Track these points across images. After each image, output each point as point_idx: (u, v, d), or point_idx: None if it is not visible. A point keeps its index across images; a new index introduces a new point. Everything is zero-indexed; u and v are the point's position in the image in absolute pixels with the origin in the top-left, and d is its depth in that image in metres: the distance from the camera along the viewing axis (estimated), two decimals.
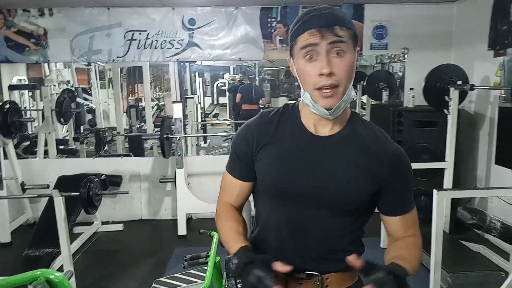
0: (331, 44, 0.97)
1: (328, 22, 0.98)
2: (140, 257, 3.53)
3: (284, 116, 1.13)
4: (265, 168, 1.10)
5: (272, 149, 1.09)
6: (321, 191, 1.04)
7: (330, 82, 0.98)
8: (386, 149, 1.07)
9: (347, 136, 1.07)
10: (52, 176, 4.12)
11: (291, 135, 1.09)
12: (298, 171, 1.06)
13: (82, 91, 7.17)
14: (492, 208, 3.61)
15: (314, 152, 1.06)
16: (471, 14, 4.04)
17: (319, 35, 0.97)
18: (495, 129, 3.69)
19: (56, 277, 1.81)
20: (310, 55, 0.99)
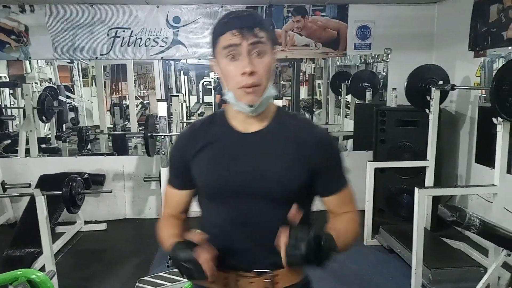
0: (251, 45, 1.03)
1: (248, 24, 1.03)
2: (124, 256, 3.50)
3: (213, 121, 1.19)
4: (201, 172, 1.15)
5: (205, 153, 1.14)
6: (257, 185, 1.09)
7: (252, 81, 1.03)
8: (312, 135, 1.13)
9: (274, 129, 1.12)
10: (33, 175, 4.05)
11: (221, 137, 1.14)
12: (232, 170, 1.10)
13: (64, 89, 7.04)
14: (472, 205, 3.70)
15: (245, 149, 1.11)
16: (452, 16, 4.12)
17: (240, 36, 1.02)
18: (475, 129, 3.78)
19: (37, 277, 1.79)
20: (232, 55, 1.04)
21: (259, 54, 1.04)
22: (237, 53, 1.03)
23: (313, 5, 4.37)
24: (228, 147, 1.13)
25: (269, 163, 1.09)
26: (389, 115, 4.00)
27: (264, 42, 1.04)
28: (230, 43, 1.03)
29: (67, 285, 2.89)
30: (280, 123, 1.14)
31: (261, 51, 1.04)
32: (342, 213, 1.17)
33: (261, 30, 1.04)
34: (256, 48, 1.03)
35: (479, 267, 2.91)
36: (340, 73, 6.47)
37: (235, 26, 1.03)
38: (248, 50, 1.03)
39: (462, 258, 3.24)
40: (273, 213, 1.08)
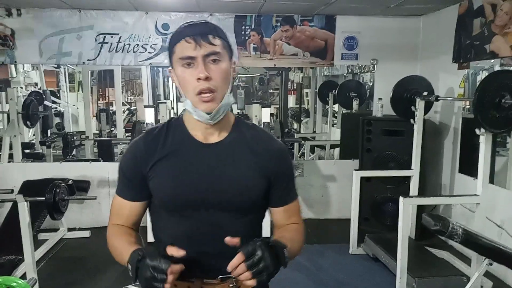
0: (206, 54, 1.03)
1: (202, 31, 1.05)
2: (108, 264, 3.43)
3: (171, 130, 1.15)
4: (161, 185, 1.11)
5: (164, 164, 1.10)
6: (219, 196, 1.09)
7: (207, 86, 1.03)
8: (270, 147, 1.15)
9: (235, 140, 1.13)
10: (16, 180, 3.97)
11: (181, 148, 1.11)
12: (194, 182, 1.09)
13: (50, 94, 6.96)
14: (456, 214, 3.75)
15: (206, 160, 1.10)
16: (437, 28, 4.21)
17: (194, 43, 1.03)
18: (459, 139, 3.85)
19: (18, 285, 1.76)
20: (188, 62, 1.04)
21: (215, 61, 1.04)
22: (193, 60, 1.03)
23: (301, 15, 4.42)
24: (189, 158, 1.11)
25: (231, 175, 1.10)
26: (375, 125, 4.05)
27: (218, 50, 1.05)
28: (184, 54, 1.04)
29: None
30: (240, 134, 1.15)
31: (216, 58, 1.04)
32: (288, 224, 1.19)
33: (215, 37, 1.05)
34: (211, 55, 1.04)
35: (462, 276, 2.94)
36: (327, 83, 6.54)
37: (188, 33, 1.04)
38: (203, 57, 1.03)
39: (446, 267, 3.27)
40: (235, 222, 1.11)
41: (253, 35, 4.45)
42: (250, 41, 4.45)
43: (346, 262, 3.53)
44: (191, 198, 1.09)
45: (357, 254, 3.65)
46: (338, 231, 4.19)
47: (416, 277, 2.83)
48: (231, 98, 1.10)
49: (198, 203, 1.09)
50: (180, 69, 1.06)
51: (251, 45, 4.46)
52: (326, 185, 4.64)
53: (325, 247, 3.81)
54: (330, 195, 4.66)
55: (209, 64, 1.04)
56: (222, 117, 1.10)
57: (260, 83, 10.41)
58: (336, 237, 4.05)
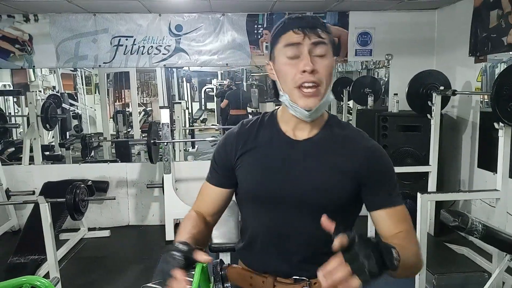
0: (313, 45, 1.00)
1: (311, 24, 1.01)
2: (127, 263, 3.50)
3: (263, 124, 1.15)
4: (246, 176, 1.12)
5: (251, 156, 1.11)
6: (301, 195, 1.06)
7: (312, 80, 0.99)
8: (363, 147, 1.08)
9: (324, 138, 1.09)
10: (37, 182, 4.08)
11: (270, 142, 1.11)
12: (277, 177, 1.07)
13: (68, 96, 7.10)
14: (475, 210, 3.69)
15: (292, 157, 1.08)
16: (452, 21, 4.15)
17: (303, 34, 1.00)
18: (477, 133, 3.78)
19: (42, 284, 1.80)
20: (293, 53, 1.01)
21: (321, 54, 1.01)
22: (298, 52, 1.00)
23: (314, 12, 4.40)
24: (275, 152, 1.10)
25: (316, 174, 1.06)
26: (391, 121, 4.01)
27: (326, 43, 1.02)
28: (291, 41, 1.00)
29: None
30: (331, 132, 1.10)
31: (323, 52, 1.01)
32: (397, 233, 1.04)
33: (323, 31, 1.02)
34: (318, 48, 1.00)
35: (483, 272, 2.90)
36: (341, 79, 6.48)
37: (297, 25, 1.01)
38: (309, 49, 1.00)
39: (466, 263, 3.23)
40: (314, 223, 0.97)
41: (266, 33, 4.45)
42: (263, 40, 4.46)
43: None
44: (271, 193, 1.08)
45: None
46: (355, 228, 4.16)
47: (436, 274, 2.80)
48: (331, 96, 1.06)
49: (278, 199, 1.08)
50: (283, 60, 1.02)
51: (263, 43, 4.46)
52: None
53: None
54: None
55: (315, 58, 1.00)
56: (319, 115, 1.07)
57: None
58: None
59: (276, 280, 1.11)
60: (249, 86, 10.24)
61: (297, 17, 1.04)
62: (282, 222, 1.08)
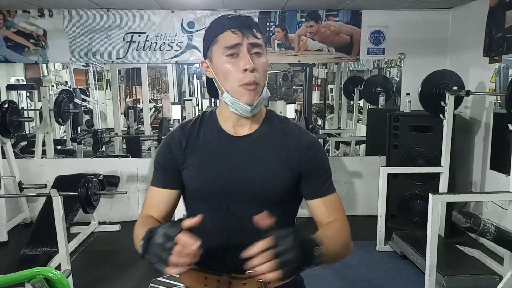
0: (251, 45, 1.05)
1: (247, 24, 1.07)
2: (137, 258, 3.49)
3: (203, 123, 1.18)
4: (192, 175, 1.14)
5: (196, 156, 1.14)
6: (246, 188, 1.10)
7: (253, 79, 1.05)
8: (300, 140, 1.14)
9: (264, 133, 1.14)
10: (49, 176, 4.13)
11: (212, 140, 1.15)
12: (222, 173, 1.11)
13: (80, 92, 7.17)
14: (487, 212, 3.65)
15: (235, 152, 1.12)
16: (467, 21, 4.10)
17: (241, 34, 1.04)
18: (490, 135, 3.74)
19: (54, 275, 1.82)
20: (233, 53, 1.05)
21: (257, 54, 1.06)
22: (238, 51, 1.05)
23: (326, 10, 4.39)
24: (218, 150, 1.13)
25: (256, 167, 1.10)
26: (403, 121, 3.99)
27: (261, 44, 1.08)
28: (231, 42, 1.04)
29: (81, 284, 2.93)
30: (270, 127, 1.15)
31: (259, 50, 1.07)
32: (330, 222, 1.13)
33: (257, 31, 1.08)
34: (255, 47, 1.06)
35: (494, 275, 2.87)
36: (353, 78, 6.47)
37: (235, 25, 1.05)
38: (248, 48, 1.05)
39: (477, 265, 3.21)
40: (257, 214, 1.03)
41: (278, 31, 4.44)
42: (275, 37, 4.45)
43: (373, 259, 3.49)
44: (218, 190, 1.11)
45: (384, 251, 3.61)
46: (364, 228, 4.14)
47: (446, 275, 2.78)
48: (268, 92, 1.12)
49: (225, 195, 1.11)
50: (223, 59, 1.06)
51: (275, 41, 4.46)
52: (351, 182, 4.60)
53: None
54: (356, 192, 4.62)
55: (253, 56, 1.05)
56: (259, 109, 1.12)
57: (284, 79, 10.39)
58: (362, 234, 4.00)
59: (231, 277, 1.12)
60: None
61: (233, 17, 1.08)
62: (231, 217, 1.11)
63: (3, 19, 4.27)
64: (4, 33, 4.30)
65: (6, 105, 3.85)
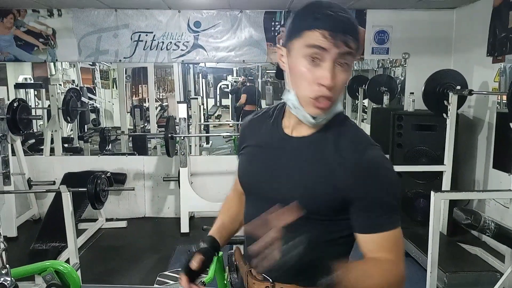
0: (340, 55, 0.89)
1: (344, 29, 0.88)
2: (144, 252, 3.60)
3: (272, 115, 1.10)
4: (239, 165, 1.14)
5: (249, 147, 1.11)
6: (276, 191, 1.00)
7: (328, 95, 0.91)
8: (359, 156, 0.94)
9: (319, 139, 0.98)
10: (57, 173, 4.20)
11: (267, 133, 1.07)
12: (260, 170, 1.05)
13: (87, 90, 7.25)
14: (489, 211, 3.68)
15: (282, 153, 1.02)
16: (471, 21, 4.12)
17: (332, 41, 0.87)
18: (493, 134, 3.76)
19: (64, 268, 1.88)
20: (314, 57, 0.89)
21: (343, 66, 0.90)
22: (321, 57, 0.89)
23: None
24: (268, 145, 1.06)
25: (296, 175, 0.98)
26: (406, 120, 4.01)
27: (353, 55, 0.90)
28: (317, 44, 0.88)
29: (90, 278, 2.99)
30: (329, 133, 0.98)
31: (347, 63, 0.90)
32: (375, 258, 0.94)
33: (353, 39, 0.89)
34: (343, 59, 0.89)
35: (495, 272, 2.90)
36: (357, 77, 6.48)
37: (328, 26, 0.87)
38: (334, 58, 0.89)
39: (478, 262, 3.23)
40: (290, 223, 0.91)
41: (283, 31, 4.49)
42: (280, 37, 4.50)
43: None
44: (253, 185, 1.08)
45: None
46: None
47: (447, 272, 2.82)
48: (340, 107, 0.99)
49: (259, 192, 1.06)
50: (301, 60, 0.91)
51: (280, 41, 4.49)
52: None
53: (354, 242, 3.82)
54: None
55: (337, 68, 0.90)
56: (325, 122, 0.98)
57: None
58: None
59: (250, 271, 1.09)
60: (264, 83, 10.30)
61: (329, 15, 0.88)
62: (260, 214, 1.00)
63: (13, 18, 4.36)
64: (14, 33, 4.38)
65: (16, 103, 3.92)
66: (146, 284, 2.96)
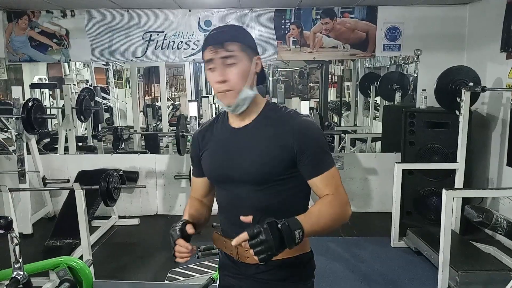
0: (222, 58, 1.21)
1: (220, 40, 1.22)
2: (156, 250, 3.64)
3: (218, 120, 1.40)
4: (204, 164, 1.39)
5: (208, 147, 1.37)
6: (241, 173, 1.27)
7: (226, 88, 1.23)
8: (293, 124, 1.25)
9: (258, 123, 1.30)
10: (71, 171, 4.28)
11: (220, 133, 1.36)
12: (224, 160, 1.31)
13: (100, 90, 7.34)
14: (503, 209, 3.63)
15: (234, 143, 1.31)
16: (484, 16, 4.06)
17: (214, 50, 1.22)
18: (507, 131, 3.70)
19: (77, 264, 1.92)
20: (210, 67, 1.24)
21: (231, 64, 1.22)
22: (213, 65, 1.23)
23: (341, 7, 4.41)
24: (224, 141, 1.33)
25: (252, 153, 1.26)
26: (419, 117, 3.97)
27: (234, 55, 1.21)
28: (207, 58, 1.24)
29: (102, 275, 3.04)
30: (265, 117, 1.30)
31: (232, 61, 1.22)
32: (324, 195, 1.24)
33: (232, 43, 1.21)
34: (227, 60, 1.21)
35: (509, 271, 2.86)
36: (369, 75, 6.44)
37: (210, 42, 1.23)
38: (220, 62, 1.21)
39: (491, 261, 3.19)
40: (256, 194, 1.27)
41: (293, 28, 4.48)
42: (290, 35, 4.49)
43: (387, 254, 3.51)
44: (221, 174, 1.33)
45: (398, 247, 3.63)
46: (379, 224, 4.16)
47: (459, 270, 2.79)
48: (249, 92, 1.26)
49: (226, 178, 1.32)
50: (207, 72, 1.27)
51: (290, 38, 4.50)
52: (367, 178, 4.61)
53: (365, 240, 3.81)
54: (371, 189, 4.63)
55: (226, 67, 1.22)
56: (245, 107, 1.27)
57: (300, 76, 10.37)
58: (377, 231, 4.03)
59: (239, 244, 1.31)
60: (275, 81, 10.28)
61: (211, 35, 1.25)
62: (234, 196, 1.31)
63: (28, 19, 4.44)
64: (29, 33, 4.47)
65: (31, 102, 3.99)
66: (157, 280, 2.99)
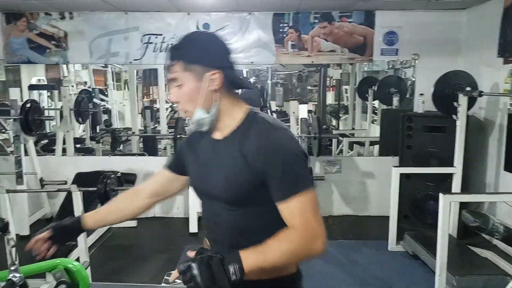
0: (170, 79, 1.17)
1: (168, 59, 1.16)
2: (153, 252, 3.64)
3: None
4: (188, 173, 1.33)
5: (192, 157, 1.30)
6: (212, 189, 1.20)
7: (180, 108, 1.19)
8: (264, 141, 1.10)
9: (236, 135, 1.16)
10: (69, 173, 4.27)
11: (204, 143, 1.26)
12: (201, 171, 1.24)
13: (99, 92, 7.34)
14: (500, 214, 3.63)
15: (213, 154, 1.22)
16: (481, 22, 4.08)
17: (166, 71, 1.20)
18: (504, 136, 3.71)
19: (74, 266, 1.91)
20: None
21: (178, 86, 1.15)
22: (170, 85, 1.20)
23: (339, 11, 4.43)
24: (204, 152, 1.25)
25: (221, 170, 1.16)
26: (416, 121, 3.99)
27: (177, 76, 1.14)
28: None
29: (99, 277, 3.03)
30: (242, 130, 1.16)
31: (178, 83, 1.14)
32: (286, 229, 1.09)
33: (178, 63, 1.13)
34: (173, 81, 1.15)
35: (506, 276, 2.87)
36: (367, 79, 6.46)
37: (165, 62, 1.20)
38: (171, 84, 1.17)
39: (489, 266, 3.20)
40: (231, 214, 1.18)
41: (291, 32, 4.50)
42: (288, 39, 4.51)
43: (384, 258, 3.52)
44: (198, 187, 1.28)
45: (396, 251, 3.63)
46: (376, 228, 4.17)
47: (456, 275, 2.79)
48: (202, 115, 1.15)
49: (203, 191, 1.26)
50: None
51: (289, 42, 4.51)
52: (364, 182, 4.62)
53: (362, 243, 3.81)
54: (369, 192, 4.64)
55: (174, 89, 1.17)
56: (208, 126, 1.18)
57: (299, 80, 10.39)
58: (374, 234, 4.04)
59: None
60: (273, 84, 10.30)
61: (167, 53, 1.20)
62: (212, 213, 1.24)
63: (26, 21, 4.45)
64: (27, 35, 4.47)
65: (29, 104, 3.99)
66: (154, 283, 2.99)
